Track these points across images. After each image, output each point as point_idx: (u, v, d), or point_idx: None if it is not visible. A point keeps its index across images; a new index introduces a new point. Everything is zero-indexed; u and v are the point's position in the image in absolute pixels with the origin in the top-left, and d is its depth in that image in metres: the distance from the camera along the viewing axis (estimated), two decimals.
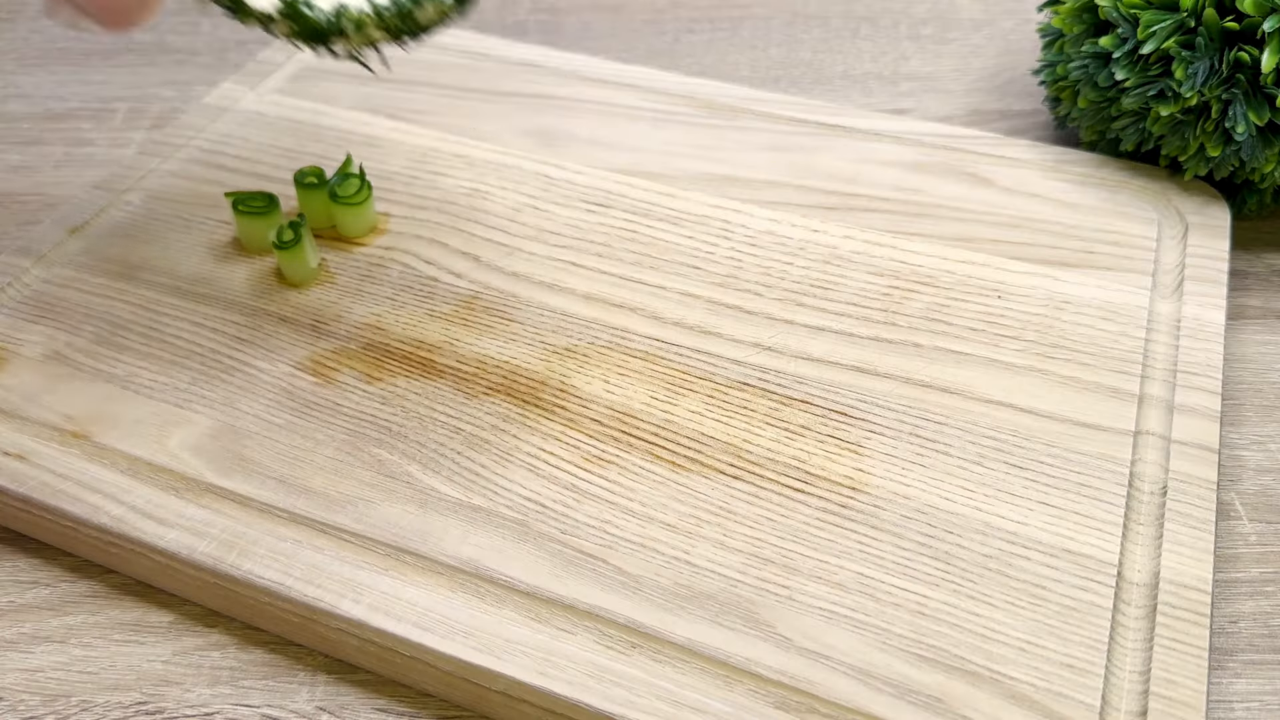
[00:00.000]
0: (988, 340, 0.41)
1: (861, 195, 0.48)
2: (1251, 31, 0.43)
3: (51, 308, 0.43)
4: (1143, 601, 0.33)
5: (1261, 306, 0.46)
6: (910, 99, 0.59)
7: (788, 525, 0.35)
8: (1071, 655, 0.32)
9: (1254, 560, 0.38)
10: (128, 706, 0.34)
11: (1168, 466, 0.37)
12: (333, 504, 0.36)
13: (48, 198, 0.52)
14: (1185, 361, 0.40)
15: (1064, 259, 0.45)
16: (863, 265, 0.44)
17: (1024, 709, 0.31)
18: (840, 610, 0.33)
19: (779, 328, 0.42)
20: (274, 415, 0.39)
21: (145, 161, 0.50)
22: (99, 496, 0.36)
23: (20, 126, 0.57)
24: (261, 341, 0.42)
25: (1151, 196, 0.48)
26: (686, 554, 0.34)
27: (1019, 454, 0.37)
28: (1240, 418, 0.42)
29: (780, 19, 0.66)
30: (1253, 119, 0.43)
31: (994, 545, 0.35)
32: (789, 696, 0.31)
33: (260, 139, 0.52)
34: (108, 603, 0.37)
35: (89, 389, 0.40)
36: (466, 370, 0.41)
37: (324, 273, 0.45)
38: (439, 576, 0.34)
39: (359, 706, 0.34)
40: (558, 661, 0.32)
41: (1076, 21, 0.48)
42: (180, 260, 0.45)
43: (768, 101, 0.53)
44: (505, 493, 0.36)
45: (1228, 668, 0.35)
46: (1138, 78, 0.45)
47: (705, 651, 0.32)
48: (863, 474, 0.37)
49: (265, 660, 0.35)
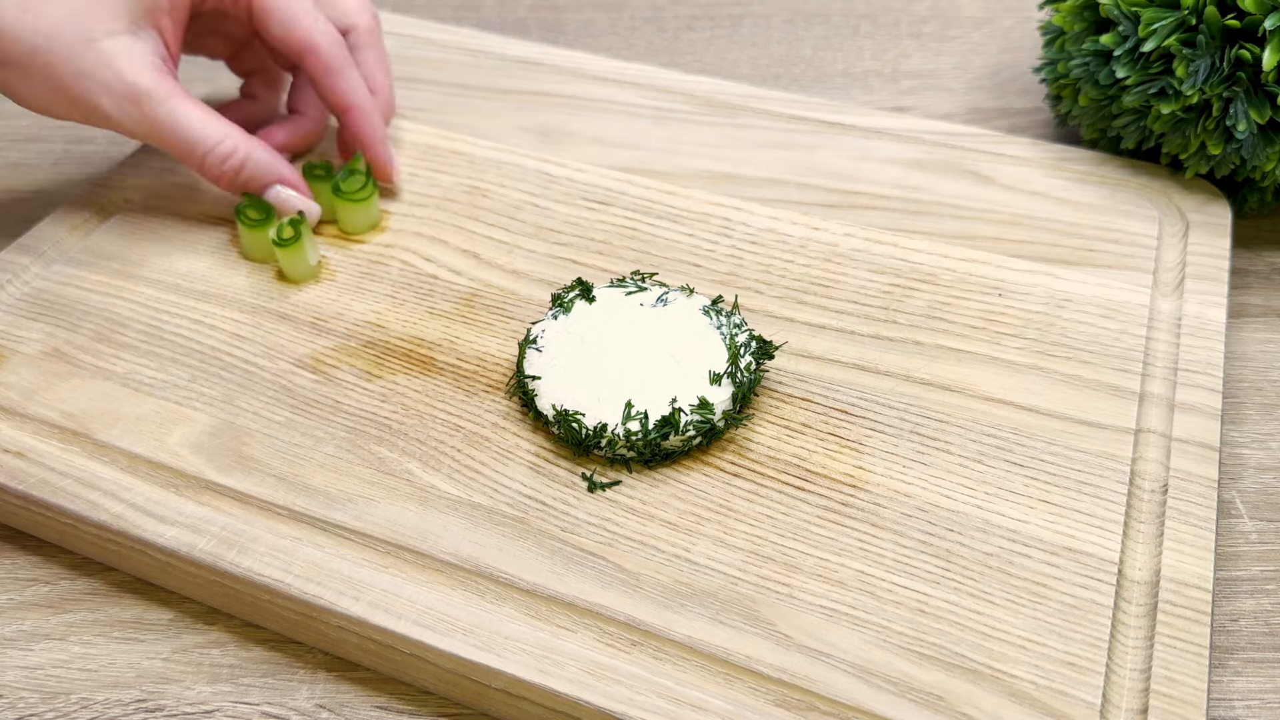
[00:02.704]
0: (988, 338, 0.41)
1: (862, 193, 0.48)
2: (1253, 29, 0.43)
3: (51, 305, 0.43)
4: (1144, 599, 0.33)
5: (1262, 304, 0.46)
6: (911, 96, 0.59)
7: (788, 523, 0.35)
8: (1072, 653, 0.32)
9: (1255, 558, 0.38)
10: (127, 704, 0.34)
11: (1169, 464, 0.37)
12: (332, 501, 0.36)
13: (47, 195, 0.52)
14: (1186, 359, 0.40)
15: (1065, 257, 0.45)
16: (863, 263, 0.44)
17: (1025, 707, 0.31)
18: (841, 608, 0.33)
19: (779, 325, 0.42)
20: (274, 412, 0.39)
21: (144, 159, 0.50)
22: (98, 494, 0.36)
23: (20, 124, 0.57)
24: (261, 339, 0.42)
25: (1152, 194, 0.48)
26: (687, 552, 0.34)
27: (1020, 452, 0.37)
28: (1241, 416, 0.42)
29: (781, 16, 0.66)
30: (1254, 117, 0.43)
31: (995, 543, 0.35)
32: (789, 694, 0.31)
33: None
34: (107, 600, 0.36)
35: (88, 386, 0.40)
36: (466, 368, 0.41)
37: (324, 270, 0.45)
38: (439, 574, 0.34)
39: (359, 704, 0.34)
40: (558, 659, 0.32)
41: (1077, 19, 0.48)
42: (180, 258, 0.45)
43: (768, 99, 0.53)
44: (505, 490, 0.36)
45: (1228, 665, 0.35)
46: (1139, 75, 0.45)
47: (705, 649, 0.32)
48: (863, 472, 0.37)
49: (265, 658, 0.35)
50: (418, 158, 0.50)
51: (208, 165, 0.43)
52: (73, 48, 0.40)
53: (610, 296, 0.41)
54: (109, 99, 0.41)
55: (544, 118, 0.52)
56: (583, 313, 0.40)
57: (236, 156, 0.43)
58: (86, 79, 0.41)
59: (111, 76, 0.41)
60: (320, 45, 0.44)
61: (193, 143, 0.42)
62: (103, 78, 0.41)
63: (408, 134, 0.51)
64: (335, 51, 0.44)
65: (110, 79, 0.41)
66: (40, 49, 0.40)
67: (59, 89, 0.41)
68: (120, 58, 0.41)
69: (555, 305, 0.41)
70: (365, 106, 0.46)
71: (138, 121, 0.42)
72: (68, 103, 0.41)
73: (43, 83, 0.41)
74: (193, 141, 0.42)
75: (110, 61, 0.41)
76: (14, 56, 0.40)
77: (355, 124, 0.46)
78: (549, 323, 0.40)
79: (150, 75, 0.41)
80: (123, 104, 0.41)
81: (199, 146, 0.43)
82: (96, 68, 0.40)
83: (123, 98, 0.41)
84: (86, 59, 0.40)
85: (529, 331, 0.40)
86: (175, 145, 0.43)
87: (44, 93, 0.41)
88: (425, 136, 0.51)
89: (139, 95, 0.41)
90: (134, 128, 0.42)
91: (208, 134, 0.42)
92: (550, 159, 0.50)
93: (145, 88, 0.41)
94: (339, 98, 0.45)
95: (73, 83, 0.41)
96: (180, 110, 0.42)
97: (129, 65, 0.41)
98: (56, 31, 0.40)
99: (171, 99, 0.42)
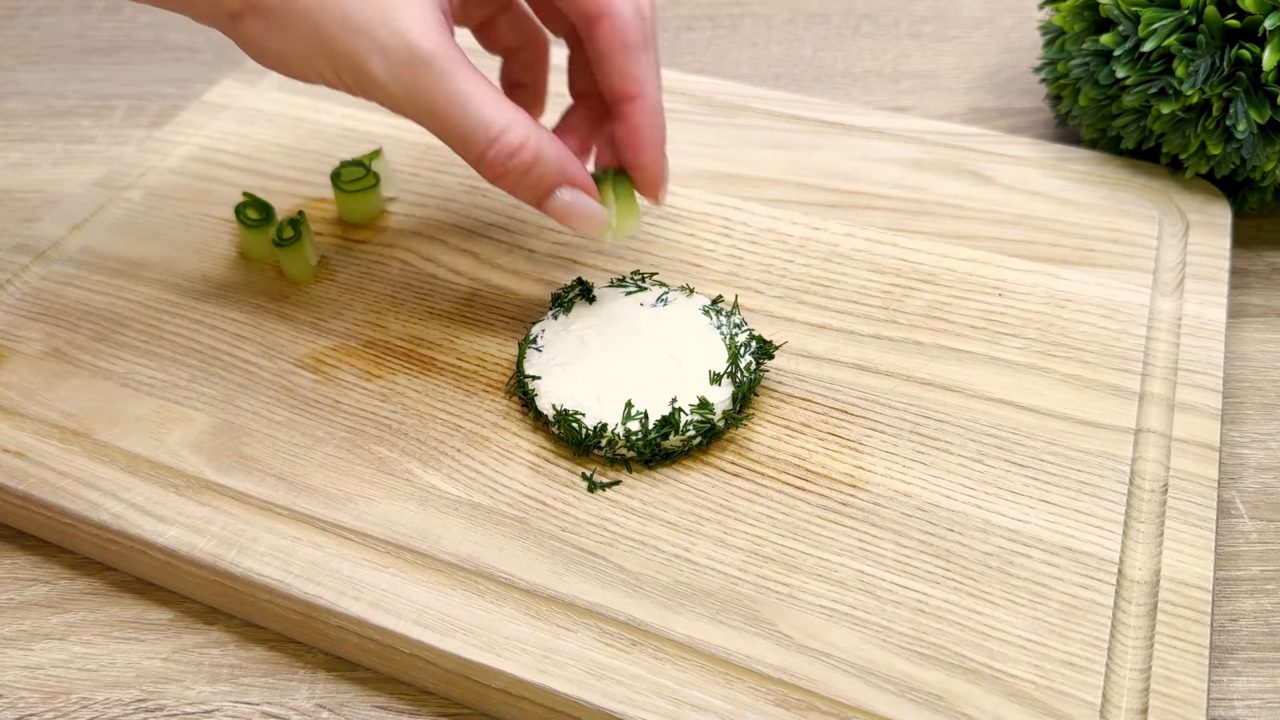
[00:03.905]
0: (988, 338, 0.41)
1: (862, 193, 0.48)
2: (1253, 29, 0.43)
3: (51, 305, 0.43)
4: (1143, 599, 0.33)
5: (1262, 304, 0.46)
6: (911, 96, 0.59)
7: (788, 523, 0.35)
8: (1072, 653, 0.32)
9: (1255, 558, 0.37)
10: (127, 704, 0.34)
11: (1169, 464, 0.37)
12: (332, 501, 0.36)
13: (47, 195, 0.52)
14: (1186, 359, 0.40)
15: (1065, 257, 0.45)
16: (863, 263, 0.44)
17: (1025, 707, 0.31)
18: (841, 608, 0.33)
19: (779, 325, 0.42)
20: (274, 412, 0.39)
21: (145, 159, 0.50)
22: (98, 494, 0.36)
23: (20, 123, 0.57)
24: (261, 339, 0.42)
25: (1152, 194, 0.48)
26: (687, 551, 0.34)
27: (1020, 452, 0.37)
28: (1241, 416, 0.42)
29: (781, 16, 0.66)
30: (1254, 117, 0.43)
31: (995, 543, 0.35)
32: (789, 694, 0.31)
33: (260, 136, 0.52)
34: (107, 600, 0.36)
35: (89, 386, 0.40)
36: (466, 367, 0.41)
37: (324, 270, 0.45)
38: (439, 574, 0.34)
39: (359, 704, 0.34)
40: (558, 659, 0.32)
41: (1077, 19, 0.48)
42: (180, 257, 0.45)
43: (768, 99, 0.53)
44: (505, 490, 0.36)
45: (1228, 665, 0.35)
46: (1139, 75, 0.45)
47: (705, 649, 0.32)
48: (863, 471, 0.37)
49: (265, 658, 0.35)
50: (418, 158, 0.50)
51: (489, 158, 0.35)
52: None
53: (610, 296, 0.41)
54: (382, 62, 0.33)
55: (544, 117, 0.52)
56: (583, 313, 0.40)
57: (528, 150, 0.34)
58: (358, 34, 0.33)
59: (389, 35, 0.33)
60: (622, 11, 0.35)
61: (475, 128, 0.34)
62: (379, 35, 0.32)
63: (407, 134, 0.51)
64: (637, 22, 0.35)
65: (387, 37, 0.33)
66: None
67: (320, 43, 0.33)
68: (403, 12, 0.33)
69: (555, 305, 0.41)
70: (655, 98, 0.37)
71: (410, 92, 0.33)
72: (327, 61, 0.33)
73: (301, 35, 0.33)
74: (475, 126, 0.34)
75: (391, 16, 0.32)
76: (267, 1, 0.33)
77: (637, 118, 0.36)
78: (549, 323, 0.40)
79: (436, 37, 0.33)
80: (398, 69, 0.33)
81: (482, 134, 0.34)
82: (373, 22, 0.32)
83: (400, 62, 0.33)
84: (364, 10, 0.32)
85: (529, 331, 0.40)
86: (452, 129, 0.34)
87: (300, 47, 0.33)
88: (425, 136, 0.51)
89: (420, 61, 0.33)
90: (403, 99, 0.34)
91: (495, 118, 0.34)
92: None
93: (428, 52, 0.33)
94: (628, 82, 0.36)
95: (340, 37, 0.33)
96: (466, 85, 0.33)
97: (413, 22, 0.33)
98: None
99: (457, 70, 0.33)
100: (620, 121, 0.37)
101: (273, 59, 0.34)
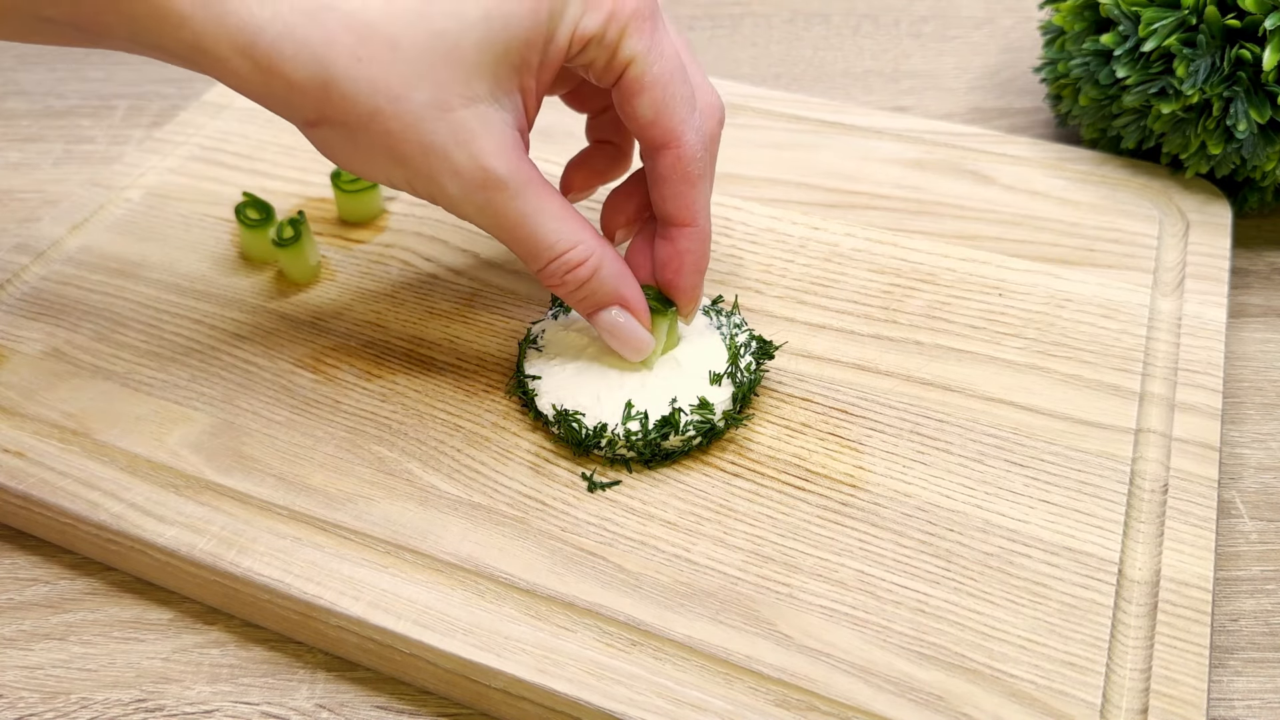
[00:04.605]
0: (988, 338, 0.41)
1: (862, 193, 0.48)
2: (1253, 29, 0.43)
3: (51, 305, 0.43)
4: (1144, 599, 0.33)
5: (1262, 304, 0.46)
6: (911, 96, 0.59)
7: (788, 523, 0.35)
8: (1072, 653, 0.32)
9: (1255, 558, 0.37)
10: (127, 704, 0.34)
11: (1169, 464, 0.37)
12: (332, 501, 0.36)
13: (47, 195, 0.52)
14: (1186, 359, 0.40)
15: (1065, 256, 0.44)
16: (863, 263, 0.44)
17: (1025, 707, 0.31)
18: (841, 608, 0.33)
19: (779, 325, 0.42)
20: (273, 412, 0.39)
21: (145, 159, 0.50)
22: (98, 493, 0.36)
23: (20, 124, 0.57)
24: (261, 339, 0.42)
25: (1152, 194, 0.48)
26: (687, 551, 0.34)
27: (1020, 452, 0.37)
28: (1241, 416, 0.42)
29: (781, 16, 0.66)
30: (1254, 117, 0.43)
31: (995, 543, 0.35)
32: (789, 694, 0.31)
33: (260, 136, 0.52)
34: (107, 600, 0.36)
35: (88, 386, 0.40)
36: (466, 368, 0.41)
37: (324, 270, 0.45)
38: (439, 574, 0.34)
39: (359, 704, 0.34)
40: (558, 659, 0.32)
41: (1077, 19, 0.48)
42: (180, 257, 0.45)
43: (768, 99, 0.53)
44: (505, 490, 0.36)
45: (1228, 665, 0.35)
46: (1139, 75, 0.45)
47: (705, 649, 0.32)
48: (863, 471, 0.37)
49: (265, 658, 0.35)
50: None
51: (549, 271, 0.35)
52: (422, 116, 0.32)
53: None
54: (456, 183, 0.33)
55: (544, 117, 0.52)
56: None
57: (586, 268, 0.35)
58: (434, 157, 0.33)
59: (465, 158, 0.33)
60: (689, 143, 0.35)
61: (542, 247, 0.35)
62: (455, 159, 0.33)
63: None
64: (701, 155, 0.36)
65: (463, 161, 0.33)
66: (381, 113, 0.32)
67: (396, 160, 0.33)
68: (479, 136, 0.33)
69: (555, 305, 0.41)
70: (706, 228, 0.37)
71: (482, 209, 0.34)
72: (402, 175, 0.34)
73: (376, 150, 0.33)
74: (543, 245, 0.35)
75: (467, 139, 0.32)
76: (343, 116, 0.32)
77: (685, 244, 0.37)
78: (549, 323, 0.40)
79: (510, 159, 0.33)
80: (471, 191, 0.33)
81: (548, 252, 0.35)
82: (449, 145, 0.32)
83: (473, 184, 0.33)
84: (439, 133, 0.32)
85: (529, 331, 0.40)
86: (520, 243, 0.35)
87: (375, 162, 0.33)
88: None
89: (494, 184, 0.33)
90: (476, 215, 0.34)
91: (562, 238, 0.35)
92: (551, 159, 0.50)
93: (502, 175, 0.33)
94: (683, 211, 0.36)
95: (416, 156, 0.33)
96: (535, 205, 0.34)
97: (488, 145, 0.33)
98: (404, 93, 0.32)
99: (528, 189, 0.34)
100: (667, 242, 0.37)
101: (344, 163, 0.34)
